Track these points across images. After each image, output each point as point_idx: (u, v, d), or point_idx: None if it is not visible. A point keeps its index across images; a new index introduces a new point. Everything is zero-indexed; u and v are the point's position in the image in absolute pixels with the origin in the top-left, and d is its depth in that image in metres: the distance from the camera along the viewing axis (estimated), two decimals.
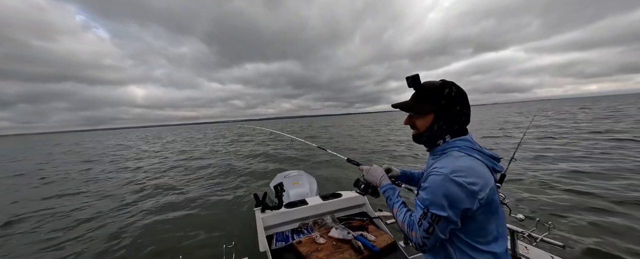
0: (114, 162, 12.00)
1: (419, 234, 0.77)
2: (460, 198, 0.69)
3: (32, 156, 19.17)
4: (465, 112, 0.83)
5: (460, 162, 0.73)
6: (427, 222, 0.74)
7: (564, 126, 13.68)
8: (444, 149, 0.83)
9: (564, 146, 8.07)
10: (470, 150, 0.78)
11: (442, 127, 0.84)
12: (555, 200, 3.94)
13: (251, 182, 6.90)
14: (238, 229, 3.84)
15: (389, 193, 0.99)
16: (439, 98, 0.82)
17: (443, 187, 0.71)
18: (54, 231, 4.25)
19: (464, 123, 0.84)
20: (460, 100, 0.82)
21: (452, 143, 0.82)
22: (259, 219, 1.92)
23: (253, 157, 11.17)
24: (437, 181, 0.73)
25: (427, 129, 0.87)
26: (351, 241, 1.61)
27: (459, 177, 0.70)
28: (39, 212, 5.24)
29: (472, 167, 0.72)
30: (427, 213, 0.75)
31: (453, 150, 0.80)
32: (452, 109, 0.81)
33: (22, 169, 11.93)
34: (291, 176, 4.31)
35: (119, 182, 7.80)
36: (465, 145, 0.80)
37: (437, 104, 0.82)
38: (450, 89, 0.82)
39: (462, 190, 0.69)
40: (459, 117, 0.82)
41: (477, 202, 0.70)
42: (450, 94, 0.81)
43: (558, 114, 24.11)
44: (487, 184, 0.72)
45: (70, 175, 9.51)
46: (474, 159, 0.76)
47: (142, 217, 4.69)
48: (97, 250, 3.50)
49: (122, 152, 16.86)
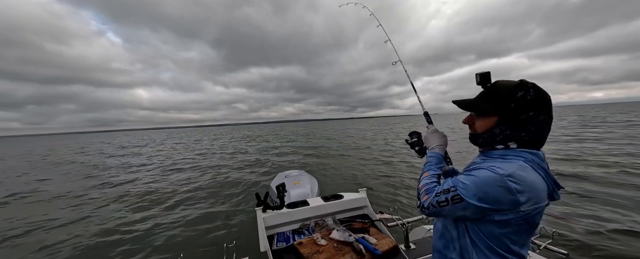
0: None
1: (430, 200, 0.76)
2: (499, 200, 0.66)
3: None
4: (541, 120, 0.71)
5: (523, 172, 0.67)
6: (445, 197, 0.73)
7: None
8: (504, 154, 0.75)
9: (569, 151, 8.02)
10: (536, 165, 0.70)
11: (505, 132, 0.75)
12: (560, 206, 3.91)
13: (254, 180, 6.91)
14: (239, 228, 3.84)
15: (433, 160, 0.95)
16: (509, 100, 0.73)
17: (490, 185, 0.66)
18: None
19: (537, 133, 0.72)
20: (537, 106, 0.71)
21: (518, 152, 0.73)
22: (260, 218, 1.92)
23: (260, 154, 11.18)
24: (487, 176, 0.68)
25: (486, 131, 0.79)
26: (353, 244, 1.60)
27: (513, 183, 0.65)
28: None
29: (533, 182, 0.67)
30: (451, 191, 0.72)
31: (518, 159, 0.71)
32: (522, 115, 0.71)
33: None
34: (292, 175, 4.31)
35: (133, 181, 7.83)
36: (533, 159, 0.71)
37: (504, 107, 0.74)
38: (526, 91, 0.71)
39: (508, 195, 0.65)
40: (529, 125, 0.72)
41: (517, 212, 0.66)
42: (525, 97, 0.71)
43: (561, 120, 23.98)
44: (538, 202, 0.67)
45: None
46: (538, 175, 0.69)
47: (144, 214, 4.70)
48: (97, 246, 3.51)
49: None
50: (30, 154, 19.91)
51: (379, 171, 7.44)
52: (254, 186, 6.33)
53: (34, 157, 17.70)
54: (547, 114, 0.72)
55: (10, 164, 13.87)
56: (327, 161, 9.72)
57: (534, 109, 0.71)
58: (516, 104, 0.72)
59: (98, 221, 4.43)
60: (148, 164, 11.30)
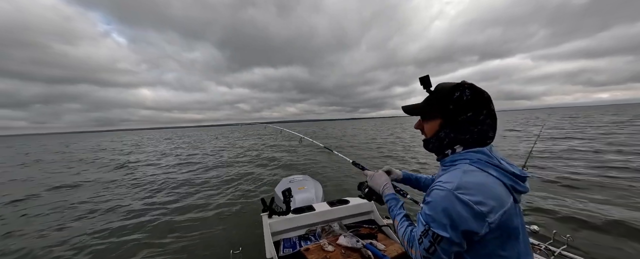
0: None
1: (419, 252, 0.70)
2: (464, 219, 0.61)
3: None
4: (481, 120, 0.71)
5: (467, 178, 0.64)
6: (428, 241, 0.67)
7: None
8: (453, 161, 0.74)
9: (583, 154, 7.91)
10: (484, 164, 0.68)
11: (450, 136, 0.74)
12: (574, 212, 3.82)
13: (259, 186, 6.90)
14: (245, 234, 3.82)
15: (391, 204, 0.93)
16: (447, 102, 0.73)
17: (445, 205, 0.63)
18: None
19: (480, 133, 0.71)
20: (474, 106, 0.70)
21: (464, 154, 0.72)
22: (266, 224, 1.90)
23: (266, 159, 11.20)
24: (439, 197, 0.65)
25: (433, 136, 0.80)
26: (361, 250, 1.57)
27: (464, 195, 0.61)
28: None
29: (482, 184, 0.63)
30: (428, 231, 0.67)
31: (463, 163, 0.70)
32: (461, 116, 0.71)
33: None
34: (296, 180, 4.28)
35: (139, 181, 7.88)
36: (479, 158, 0.69)
37: (444, 109, 0.74)
38: (462, 92, 0.71)
39: (468, 210, 0.61)
40: (471, 126, 0.71)
41: (487, 226, 0.61)
42: (461, 98, 0.71)
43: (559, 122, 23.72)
44: (501, 205, 0.62)
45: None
46: (488, 175, 0.66)
47: (148, 218, 4.70)
48: (98, 250, 3.50)
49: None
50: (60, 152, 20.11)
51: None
52: (261, 190, 6.32)
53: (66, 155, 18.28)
54: (488, 112, 0.71)
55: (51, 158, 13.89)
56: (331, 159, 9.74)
57: (472, 109, 0.71)
58: (454, 106, 0.72)
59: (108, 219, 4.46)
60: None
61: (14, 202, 6.17)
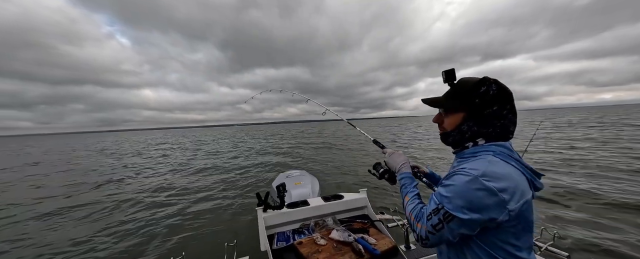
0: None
1: (425, 227, 0.71)
2: (485, 205, 0.62)
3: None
4: (505, 114, 0.72)
5: (494, 167, 0.65)
6: (438, 218, 0.68)
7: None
8: (475, 152, 0.75)
9: (573, 155, 7.89)
10: (507, 157, 0.70)
11: (473, 129, 0.75)
12: (563, 208, 3.85)
13: (255, 181, 6.95)
14: (240, 228, 3.87)
15: (406, 181, 0.94)
16: (473, 96, 0.74)
17: (468, 190, 0.63)
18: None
19: (503, 127, 0.73)
20: (500, 101, 0.72)
21: (486, 147, 0.73)
22: (261, 218, 1.93)
23: (263, 155, 11.25)
24: (462, 182, 0.65)
25: (455, 129, 0.79)
26: (352, 244, 1.61)
27: (490, 182, 0.62)
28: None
29: (508, 174, 0.65)
30: (440, 209, 0.68)
31: (487, 154, 0.71)
32: (487, 109, 0.72)
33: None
34: (293, 176, 4.32)
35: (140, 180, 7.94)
36: (502, 151, 0.71)
37: (469, 103, 0.75)
38: (488, 87, 0.72)
39: (490, 196, 0.61)
40: (495, 120, 0.72)
41: (507, 213, 0.62)
42: (487, 92, 0.72)
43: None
44: (523, 195, 0.64)
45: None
46: (511, 166, 0.67)
47: (145, 212, 4.75)
48: (98, 243, 3.56)
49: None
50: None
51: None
52: (257, 185, 6.37)
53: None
54: (510, 108, 0.73)
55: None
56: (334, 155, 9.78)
57: (497, 103, 0.72)
58: (480, 100, 0.73)
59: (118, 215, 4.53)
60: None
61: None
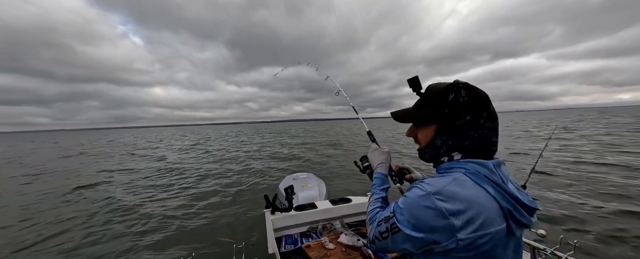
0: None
1: (373, 232, 0.68)
2: (430, 225, 0.55)
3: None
4: (481, 124, 0.63)
5: (454, 186, 0.57)
6: (386, 227, 0.64)
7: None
8: (449, 168, 0.66)
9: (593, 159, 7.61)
10: (481, 178, 0.59)
11: (447, 143, 0.67)
12: (585, 216, 3.70)
13: (264, 182, 7.00)
14: (248, 229, 3.88)
15: (376, 182, 0.91)
16: (442, 105, 0.66)
17: (418, 206, 0.57)
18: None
19: (481, 138, 0.64)
20: (473, 108, 0.63)
21: (462, 164, 0.64)
22: (269, 220, 1.93)
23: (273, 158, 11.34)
24: (415, 196, 0.59)
25: (428, 144, 0.72)
26: (361, 249, 1.58)
27: (441, 201, 0.55)
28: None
29: (470, 197, 0.55)
30: (390, 218, 0.64)
31: (458, 171, 0.62)
32: (459, 120, 0.64)
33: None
34: (300, 178, 4.31)
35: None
36: (477, 170, 0.60)
37: (439, 112, 0.66)
38: (457, 93, 0.64)
39: (438, 217, 0.54)
40: (470, 131, 0.63)
41: (454, 241, 0.53)
42: (457, 100, 0.64)
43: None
44: (483, 225, 0.53)
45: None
46: (481, 190, 0.57)
47: (155, 212, 4.84)
48: (104, 244, 3.64)
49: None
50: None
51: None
52: (264, 187, 6.41)
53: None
54: (488, 115, 0.63)
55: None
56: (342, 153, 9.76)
57: (470, 112, 0.63)
58: (450, 109, 0.65)
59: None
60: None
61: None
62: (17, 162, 13.30)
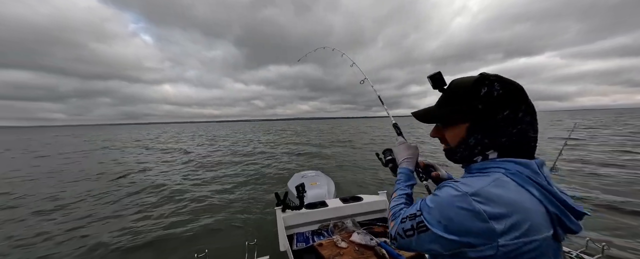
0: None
1: (396, 227, 0.65)
2: (465, 228, 0.50)
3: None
4: (521, 117, 0.57)
5: (496, 188, 0.52)
6: (411, 225, 0.60)
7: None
8: (483, 168, 0.61)
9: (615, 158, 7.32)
10: (524, 180, 0.54)
11: (482, 142, 0.61)
12: (612, 217, 3.54)
13: (274, 180, 7.05)
14: (259, 227, 3.91)
15: (401, 177, 0.87)
16: (473, 101, 0.61)
17: (451, 206, 0.53)
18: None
19: (520, 133, 0.58)
20: (510, 102, 0.58)
21: (499, 163, 0.58)
22: (280, 218, 1.92)
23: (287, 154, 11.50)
24: (448, 196, 0.55)
25: (460, 144, 0.66)
26: (375, 248, 1.55)
27: (481, 204, 0.50)
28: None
29: (515, 201, 0.50)
30: (417, 216, 0.60)
31: (497, 171, 0.57)
32: (497, 115, 0.58)
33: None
34: (309, 176, 4.30)
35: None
36: (519, 171, 0.55)
37: (471, 109, 0.61)
38: (490, 87, 0.59)
39: (475, 220, 0.49)
40: (508, 127, 0.58)
41: (494, 247, 0.49)
42: (490, 94, 0.59)
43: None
44: (529, 231, 0.49)
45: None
46: (526, 193, 0.52)
47: (168, 207, 4.94)
48: (117, 238, 3.73)
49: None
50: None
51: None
52: (275, 185, 6.45)
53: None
54: (526, 108, 0.58)
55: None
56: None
57: (508, 105, 0.58)
58: (484, 104, 0.59)
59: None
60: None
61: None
62: (79, 156, 13.89)
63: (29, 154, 15.06)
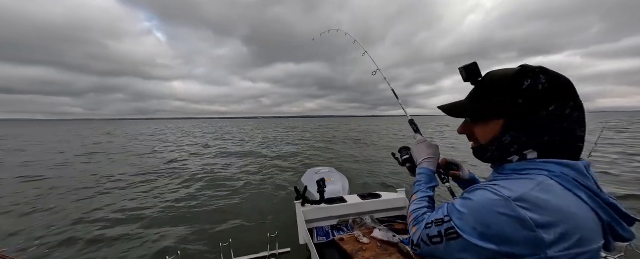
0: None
1: (419, 232, 0.61)
2: (506, 236, 0.46)
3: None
4: (567, 114, 0.51)
5: (543, 193, 0.46)
6: (437, 231, 0.56)
7: None
8: (521, 169, 0.55)
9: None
10: (572, 184, 0.48)
11: (520, 140, 0.55)
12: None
13: (291, 174, 7.16)
14: (278, 220, 3.96)
15: (421, 179, 0.81)
16: (513, 94, 0.54)
17: (490, 211, 0.48)
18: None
19: (566, 132, 0.52)
20: (557, 96, 0.51)
21: (540, 164, 0.53)
22: (300, 212, 1.93)
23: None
24: (486, 199, 0.50)
25: (492, 141, 0.60)
26: (398, 245, 1.54)
27: (526, 210, 0.45)
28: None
29: (563, 207, 0.45)
30: (445, 222, 0.55)
31: (539, 173, 0.51)
32: (540, 111, 0.52)
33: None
34: (322, 172, 4.31)
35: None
36: (564, 173, 0.49)
37: (510, 104, 0.55)
38: (534, 79, 0.53)
39: (520, 228, 0.45)
40: (553, 124, 0.52)
41: (542, 257, 0.44)
42: (534, 87, 0.52)
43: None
44: (581, 242, 0.44)
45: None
46: (575, 198, 0.47)
47: (191, 199, 5.08)
48: (146, 229, 3.86)
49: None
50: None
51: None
52: (292, 178, 6.54)
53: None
54: (575, 106, 0.52)
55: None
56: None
57: (554, 100, 0.51)
58: (525, 99, 0.53)
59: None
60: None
61: None
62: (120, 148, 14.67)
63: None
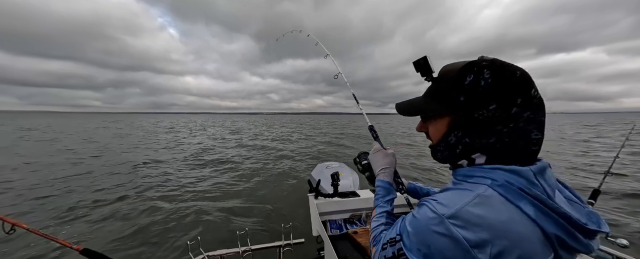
0: None
1: (377, 255, 0.59)
2: (443, 256, 0.44)
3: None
4: (513, 115, 0.46)
5: (478, 208, 0.43)
6: (392, 252, 0.54)
7: None
8: (469, 175, 0.52)
9: None
10: (515, 194, 0.44)
11: (463, 140, 0.52)
12: None
13: (304, 168, 7.27)
14: (291, 212, 4.04)
15: (379, 192, 0.80)
16: (456, 91, 0.51)
17: (428, 231, 0.46)
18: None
19: (516, 134, 0.47)
20: (500, 94, 0.46)
21: (487, 171, 0.48)
22: (313, 204, 1.95)
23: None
24: (426, 218, 0.47)
25: (440, 141, 0.58)
26: None
27: (459, 228, 0.42)
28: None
29: (495, 221, 0.42)
30: (397, 242, 0.53)
31: (482, 182, 0.48)
32: (480, 110, 0.48)
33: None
34: (333, 167, 4.32)
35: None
36: (508, 181, 0.45)
37: (452, 101, 0.52)
38: (477, 75, 0.48)
39: (455, 248, 0.42)
40: (497, 125, 0.47)
41: None
42: (477, 83, 0.47)
43: None
44: (522, 258, 0.41)
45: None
46: (517, 211, 0.43)
47: (211, 189, 5.26)
48: (164, 213, 4.03)
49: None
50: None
51: (427, 165, 7.07)
52: (305, 172, 6.65)
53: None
54: (525, 103, 0.46)
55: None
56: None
57: (495, 99, 0.46)
58: (467, 96, 0.49)
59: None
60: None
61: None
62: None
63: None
